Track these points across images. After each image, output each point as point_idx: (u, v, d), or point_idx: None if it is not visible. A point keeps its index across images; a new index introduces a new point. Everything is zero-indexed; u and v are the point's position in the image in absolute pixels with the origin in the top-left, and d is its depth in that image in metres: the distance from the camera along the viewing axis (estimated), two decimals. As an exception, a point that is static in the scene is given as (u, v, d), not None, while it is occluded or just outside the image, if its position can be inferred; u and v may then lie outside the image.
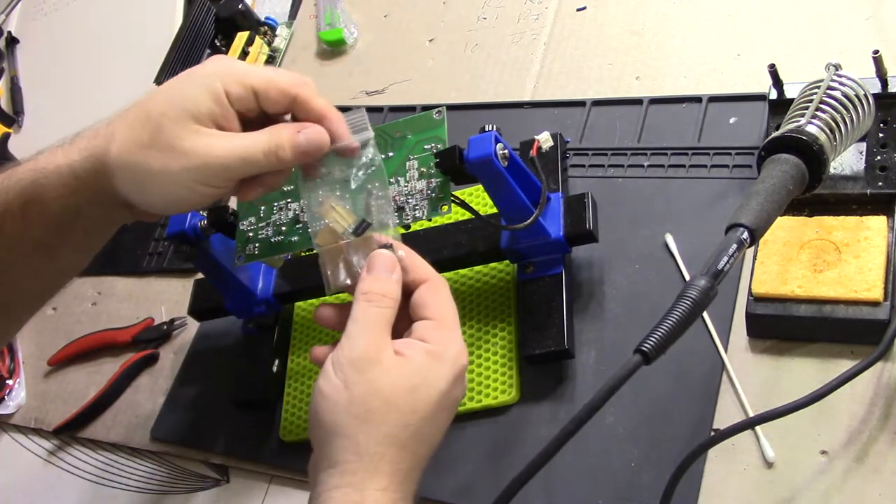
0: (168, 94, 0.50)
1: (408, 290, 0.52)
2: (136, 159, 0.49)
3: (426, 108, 0.85)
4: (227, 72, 0.50)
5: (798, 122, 0.58)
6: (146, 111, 0.49)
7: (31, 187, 0.51)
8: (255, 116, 0.52)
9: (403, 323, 0.51)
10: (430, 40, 0.95)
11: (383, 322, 0.49)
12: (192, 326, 0.86)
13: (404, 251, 0.53)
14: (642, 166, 0.74)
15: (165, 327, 0.87)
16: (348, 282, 0.53)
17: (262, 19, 1.04)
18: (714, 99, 0.75)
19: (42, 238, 0.52)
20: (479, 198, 0.77)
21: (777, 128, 0.60)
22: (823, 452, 0.57)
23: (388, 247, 0.52)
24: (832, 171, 0.62)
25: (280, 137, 0.50)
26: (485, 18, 0.93)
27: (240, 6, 1.02)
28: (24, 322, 0.58)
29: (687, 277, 0.66)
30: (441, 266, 0.72)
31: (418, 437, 0.48)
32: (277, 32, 1.05)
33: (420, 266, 0.52)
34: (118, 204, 0.51)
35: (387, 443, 0.46)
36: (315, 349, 0.52)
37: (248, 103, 0.50)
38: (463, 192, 0.75)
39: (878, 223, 0.60)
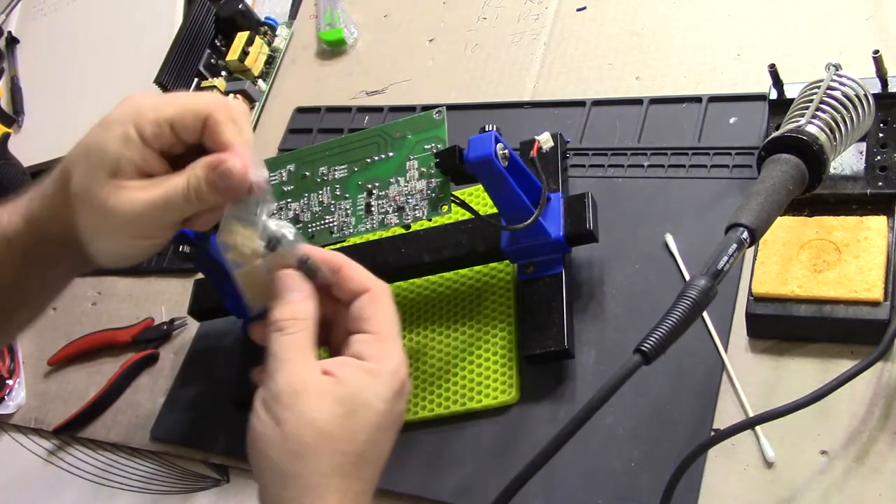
0: (85, 150, 0.48)
1: (346, 300, 0.49)
2: (70, 222, 0.48)
3: (426, 108, 0.85)
4: (137, 112, 0.48)
5: (798, 122, 0.58)
6: (66, 170, 0.48)
7: None
8: (184, 149, 0.49)
9: (341, 332, 0.50)
10: (430, 40, 0.95)
11: (300, 348, 0.46)
12: (192, 326, 0.86)
13: (329, 262, 0.49)
14: (642, 166, 0.74)
15: (165, 327, 0.87)
16: (268, 304, 0.50)
17: (263, 19, 1.04)
18: (714, 99, 0.75)
19: None
20: (479, 198, 0.77)
21: (777, 128, 0.60)
22: (823, 452, 0.57)
23: (306, 261, 0.49)
24: (832, 171, 0.62)
25: (197, 179, 0.47)
26: (485, 18, 0.93)
27: (240, 6, 1.02)
28: None
29: (687, 277, 0.66)
30: (441, 266, 0.73)
31: (361, 462, 0.46)
32: (277, 32, 1.05)
33: (357, 276, 0.49)
34: (67, 260, 0.50)
35: (329, 473, 0.44)
36: (255, 372, 0.49)
37: (167, 139, 0.48)
38: (463, 192, 0.76)
39: (878, 223, 0.60)
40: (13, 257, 0.50)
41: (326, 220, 0.69)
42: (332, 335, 0.51)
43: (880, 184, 0.61)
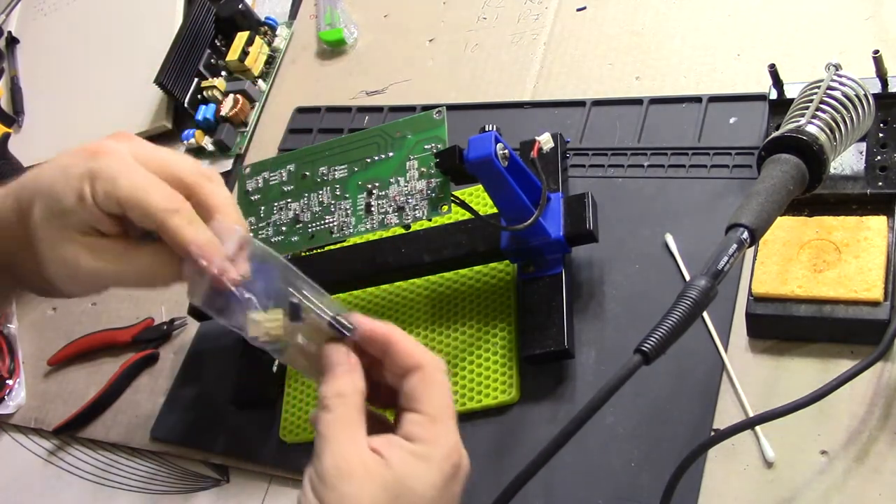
0: (40, 192, 0.46)
1: (398, 375, 0.47)
2: (12, 255, 0.47)
3: (426, 108, 0.85)
4: (96, 174, 0.45)
5: (798, 122, 0.58)
6: (19, 205, 0.46)
7: None
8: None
9: (390, 401, 0.48)
10: (430, 40, 0.95)
11: (346, 425, 0.44)
12: (192, 326, 0.86)
13: (378, 337, 0.47)
14: (642, 166, 0.74)
15: (165, 327, 0.87)
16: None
17: (263, 19, 1.04)
18: (714, 99, 0.75)
19: None
20: (479, 198, 0.77)
21: (777, 128, 0.60)
22: (823, 452, 0.57)
23: (336, 319, 0.47)
24: (832, 171, 0.62)
25: (154, 274, 0.46)
26: (485, 18, 0.93)
27: (240, 6, 1.02)
28: None
29: (687, 277, 0.66)
30: (441, 266, 0.73)
31: None
32: (277, 32, 1.05)
33: (409, 351, 0.47)
34: (10, 286, 0.50)
35: None
36: (312, 414, 0.47)
37: (115, 209, 0.45)
38: (463, 192, 0.76)
39: (878, 223, 0.60)
40: None
41: (326, 220, 0.69)
42: (383, 395, 0.49)
43: (880, 184, 0.61)
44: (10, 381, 0.93)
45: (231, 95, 0.99)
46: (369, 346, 0.47)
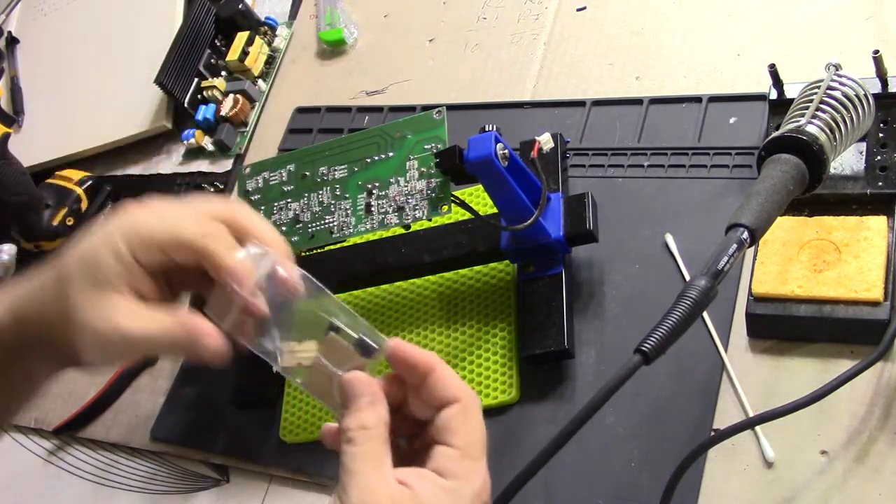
0: (78, 255, 0.46)
1: (434, 406, 0.45)
2: (49, 323, 0.47)
3: (426, 108, 0.85)
4: (132, 230, 0.45)
5: (798, 122, 0.58)
6: (58, 272, 0.46)
7: None
8: (177, 266, 0.47)
9: (424, 438, 0.46)
10: (430, 40, 0.95)
11: (371, 458, 0.43)
12: (192, 326, 0.86)
13: (421, 363, 0.45)
14: (642, 166, 0.74)
15: (165, 327, 0.87)
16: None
17: (263, 19, 1.04)
18: (714, 99, 0.75)
19: None
20: (479, 198, 0.77)
21: (777, 128, 0.60)
22: (823, 452, 0.57)
23: (362, 341, 0.46)
24: (832, 171, 0.62)
25: (174, 336, 0.45)
26: (485, 18, 0.93)
27: (240, 6, 1.02)
28: None
29: (687, 277, 0.66)
30: (441, 266, 0.73)
31: None
32: (277, 32, 1.05)
33: (449, 382, 0.45)
34: (46, 357, 0.49)
35: None
36: (323, 428, 0.47)
37: (159, 260, 0.46)
38: (463, 192, 0.75)
39: (878, 223, 0.60)
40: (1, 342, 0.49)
41: (326, 220, 0.69)
42: (403, 424, 0.47)
43: (880, 184, 0.61)
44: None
45: (231, 95, 0.99)
46: (408, 373, 0.46)
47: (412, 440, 0.46)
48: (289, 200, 0.71)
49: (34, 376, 0.51)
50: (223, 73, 1.02)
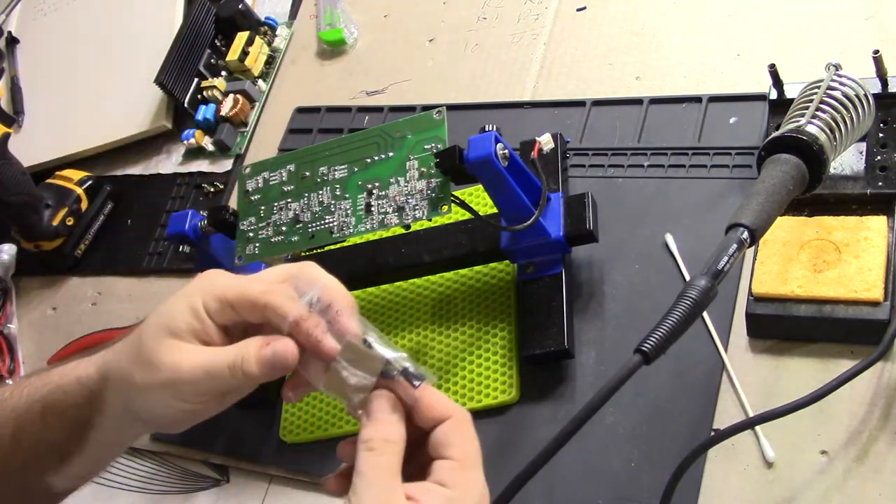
0: (157, 311, 0.50)
1: (426, 427, 0.48)
2: (124, 375, 0.49)
3: (426, 108, 0.85)
4: (206, 288, 0.49)
5: (798, 122, 0.58)
6: (140, 328, 0.50)
7: (52, 394, 0.52)
8: (246, 328, 0.50)
9: (417, 460, 0.48)
10: (430, 40, 0.95)
11: (389, 470, 0.45)
12: (192, 326, 0.86)
13: (421, 384, 0.47)
14: (642, 166, 0.74)
15: (165, 327, 0.87)
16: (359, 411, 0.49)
17: (263, 19, 1.04)
18: (714, 99, 0.75)
19: (56, 440, 0.53)
20: (479, 198, 0.77)
21: (777, 128, 0.60)
22: (823, 452, 0.57)
23: (387, 364, 0.47)
24: (832, 171, 0.62)
25: (247, 351, 0.48)
26: (485, 18, 0.93)
27: (240, 6, 1.02)
28: None
29: (687, 277, 0.66)
30: (441, 266, 0.73)
31: None
32: (277, 32, 1.05)
33: (439, 403, 0.48)
34: (129, 419, 0.51)
35: None
36: (327, 480, 0.49)
37: (228, 316, 0.49)
38: (463, 192, 0.75)
39: (878, 223, 0.60)
40: (80, 402, 0.51)
41: (326, 220, 0.69)
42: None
43: (880, 184, 0.61)
44: (10, 381, 0.92)
45: (231, 95, 0.99)
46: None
47: (407, 463, 0.48)
48: (289, 200, 0.71)
49: (118, 434, 0.53)
50: (223, 73, 1.02)
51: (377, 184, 0.67)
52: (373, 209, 0.67)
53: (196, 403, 0.49)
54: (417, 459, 0.48)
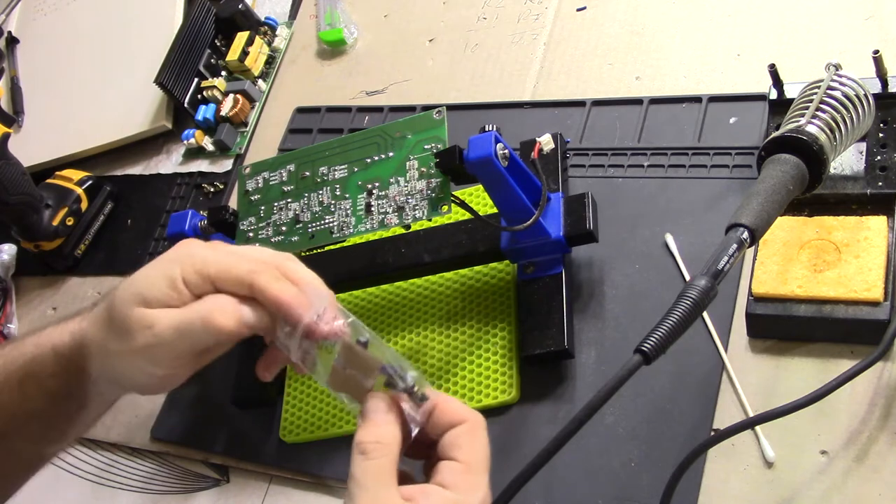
0: (131, 278, 0.49)
1: (441, 432, 0.48)
2: (98, 343, 0.49)
3: (426, 108, 0.85)
4: (186, 259, 0.48)
5: (798, 122, 0.58)
6: (112, 294, 0.49)
7: (29, 364, 0.52)
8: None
9: (428, 458, 0.48)
10: (430, 40, 0.95)
11: (382, 473, 0.45)
12: (192, 326, 0.86)
13: (429, 394, 0.47)
14: (642, 166, 0.74)
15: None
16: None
17: (262, 19, 1.04)
18: (714, 99, 0.75)
19: (38, 410, 0.52)
20: (479, 198, 0.77)
21: (777, 128, 0.60)
22: (823, 452, 0.57)
23: (386, 368, 0.47)
24: (832, 171, 0.62)
25: (218, 303, 0.47)
26: (485, 18, 0.93)
27: (240, 6, 1.02)
28: (21, 482, 0.57)
29: (687, 277, 0.66)
30: (441, 266, 0.73)
31: None
32: (277, 32, 1.05)
33: (453, 408, 0.47)
34: (107, 384, 0.51)
35: None
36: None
37: (206, 290, 0.48)
38: (463, 192, 0.76)
39: (878, 223, 0.60)
40: (58, 371, 0.51)
41: (326, 220, 0.69)
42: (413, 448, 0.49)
43: (880, 184, 0.61)
44: None
45: (231, 95, 0.99)
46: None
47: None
48: (289, 200, 0.71)
49: (100, 399, 0.53)
50: (223, 73, 1.03)
51: (377, 184, 0.67)
52: (373, 209, 0.67)
53: (172, 367, 0.49)
54: (430, 461, 0.48)
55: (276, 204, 0.72)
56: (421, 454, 0.48)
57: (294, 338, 0.47)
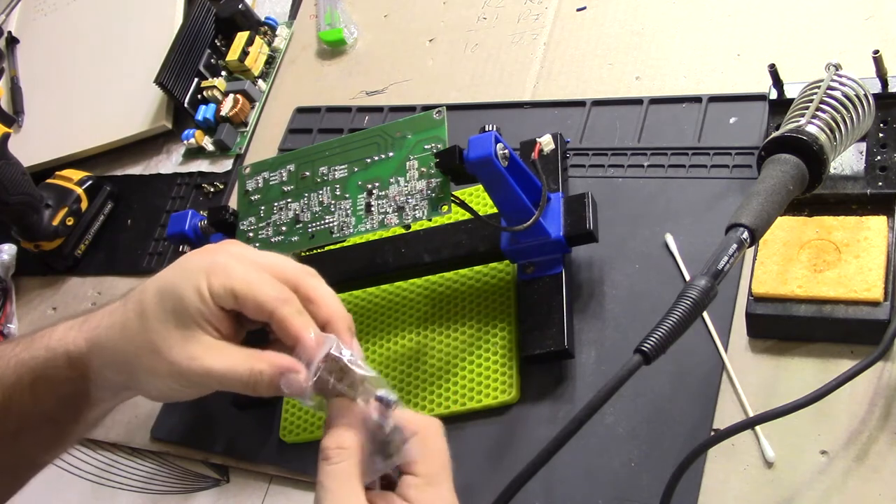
0: (158, 288, 0.48)
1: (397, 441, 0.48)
2: (125, 355, 0.49)
3: (426, 108, 0.85)
4: (211, 269, 0.48)
5: (798, 122, 0.58)
6: (141, 306, 0.48)
7: (41, 366, 0.51)
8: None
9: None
10: (430, 40, 0.95)
11: (346, 478, 0.46)
12: (192, 326, 0.86)
13: (391, 399, 0.48)
14: (642, 166, 0.74)
15: (165, 327, 0.87)
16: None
17: (263, 19, 1.04)
18: (714, 99, 0.75)
19: (50, 413, 0.52)
20: (479, 198, 0.77)
21: (777, 128, 0.60)
22: (823, 452, 0.57)
23: (384, 402, 0.48)
24: (832, 171, 0.62)
25: (261, 375, 0.47)
26: (485, 18, 0.93)
27: (240, 6, 1.02)
28: (26, 481, 0.57)
29: (687, 277, 0.66)
30: (441, 266, 0.73)
31: None
32: (277, 32, 1.05)
33: (406, 419, 0.48)
34: (122, 388, 0.51)
35: None
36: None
37: (230, 304, 0.48)
38: (463, 192, 0.76)
39: (878, 223, 0.60)
40: (72, 376, 0.51)
41: (326, 220, 0.69)
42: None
43: (880, 184, 0.61)
44: None
45: (231, 95, 0.99)
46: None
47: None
48: (289, 200, 0.71)
49: (109, 401, 0.53)
50: (223, 73, 1.03)
51: (377, 184, 0.67)
52: (373, 209, 0.67)
53: (200, 390, 0.49)
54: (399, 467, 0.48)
55: (276, 204, 0.72)
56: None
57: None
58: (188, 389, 0.49)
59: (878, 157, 0.63)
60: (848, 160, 0.63)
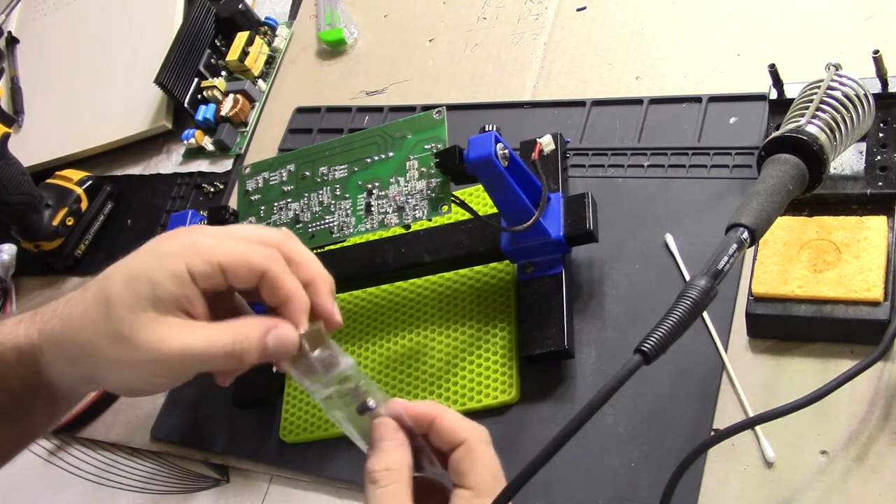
0: (127, 275, 0.45)
1: (444, 450, 0.47)
2: (90, 346, 0.45)
3: (426, 108, 0.85)
4: (191, 250, 0.45)
5: (798, 122, 0.58)
6: (105, 293, 0.45)
7: None
8: (224, 290, 0.47)
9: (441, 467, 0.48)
10: (430, 40, 0.95)
11: (395, 499, 0.45)
12: (192, 326, 0.86)
13: (421, 416, 0.47)
14: (642, 166, 0.74)
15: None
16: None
17: (262, 19, 1.04)
18: (714, 99, 0.75)
19: (3, 408, 0.49)
20: (479, 198, 0.77)
21: (777, 128, 0.60)
22: (823, 452, 0.57)
23: (368, 408, 0.47)
24: (832, 171, 0.62)
25: (247, 338, 0.45)
26: (485, 18, 0.93)
27: (240, 6, 1.02)
28: None
29: (687, 277, 0.66)
30: (441, 266, 0.73)
31: None
32: (277, 32, 1.05)
33: (451, 426, 0.47)
34: (84, 382, 0.49)
35: None
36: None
37: (215, 280, 0.45)
38: (463, 192, 0.76)
39: (878, 223, 0.60)
40: (23, 372, 0.48)
41: (326, 220, 0.69)
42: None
43: (880, 184, 0.61)
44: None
45: (231, 95, 0.99)
46: (415, 424, 0.48)
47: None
48: (289, 200, 0.71)
49: (71, 395, 0.51)
50: (223, 73, 1.03)
51: (377, 184, 0.67)
52: (373, 209, 0.67)
53: (172, 379, 0.46)
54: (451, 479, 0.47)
55: (276, 204, 0.72)
56: (443, 462, 0.48)
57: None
58: (158, 379, 0.46)
59: (878, 157, 0.63)
60: (848, 160, 0.63)
